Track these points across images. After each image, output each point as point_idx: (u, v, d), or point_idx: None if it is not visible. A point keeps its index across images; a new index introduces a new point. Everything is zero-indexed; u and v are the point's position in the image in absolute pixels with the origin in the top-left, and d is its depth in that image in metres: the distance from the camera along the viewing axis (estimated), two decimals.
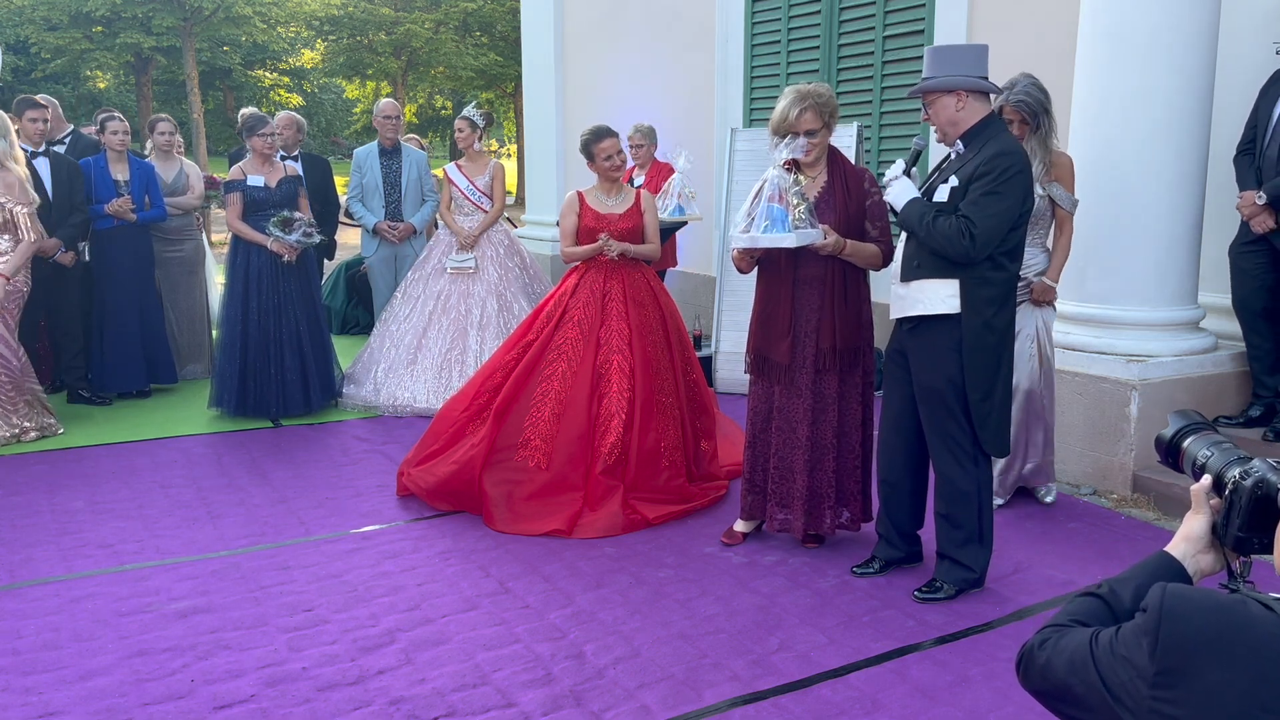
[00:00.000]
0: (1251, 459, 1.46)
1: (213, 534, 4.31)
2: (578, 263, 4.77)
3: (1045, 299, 4.44)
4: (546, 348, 4.62)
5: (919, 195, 3.52)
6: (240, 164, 6.31)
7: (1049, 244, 4.46)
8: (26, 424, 5.63)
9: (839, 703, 2.95)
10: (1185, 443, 1.59)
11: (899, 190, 3.54)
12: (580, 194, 4.76)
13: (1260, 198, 4.62)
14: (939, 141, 3.59)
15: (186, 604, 3.60)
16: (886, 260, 3.87)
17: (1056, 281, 4.47)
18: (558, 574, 3.88)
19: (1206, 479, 1.51)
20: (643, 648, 3.28)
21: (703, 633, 3.39)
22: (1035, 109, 4.27)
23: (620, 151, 4.71)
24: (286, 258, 6.05)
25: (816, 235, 3.71)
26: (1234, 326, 4.97)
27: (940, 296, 3.45)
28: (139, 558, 4.05)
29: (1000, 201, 3.32)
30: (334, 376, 6.44)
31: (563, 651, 3.25)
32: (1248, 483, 1.42)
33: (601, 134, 4.66)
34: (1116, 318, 4.74)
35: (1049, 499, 4.63)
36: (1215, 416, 4.87)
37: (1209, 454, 1.53)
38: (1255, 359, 4.84)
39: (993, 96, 3.70)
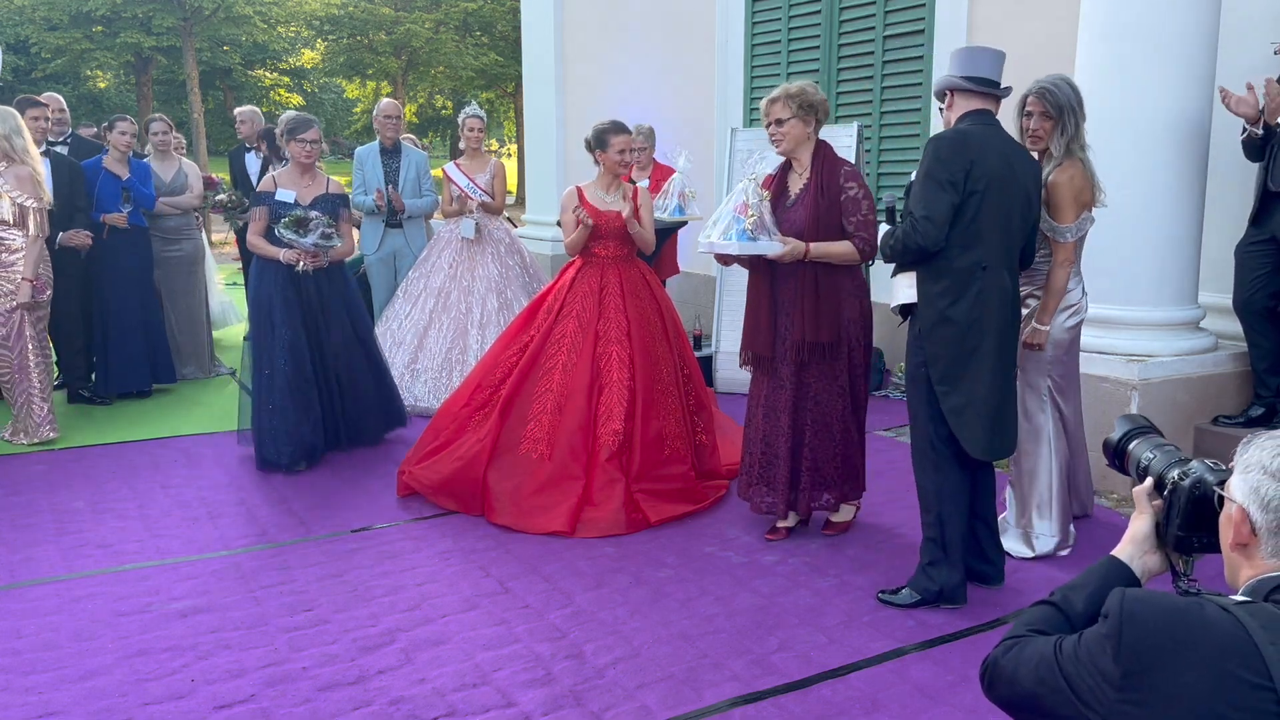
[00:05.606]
0: (1191, 460, 1.49)
1: (213, 534, 4.31)
2: (578, 252, 4.80)
3: (1032, 343, 3.83)
4: (546, 342, 4.66)
5: (888, 228, 3.59)
6: (274, 173, 5.48)
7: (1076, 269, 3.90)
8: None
9: (839, 703, 2.95)
10: (1130, 445, 1.63)
11: (880, 235, 3.65)
12: (580, 189, 4.78)
13: None
14: None
15: (186, 604, 3.60)
16: (866, 256, 3.95)
17: (1044, 324, 3.82)
18: (558, 574, 3.88)
19: (1148, 481, 1.54)
20: (643, 648, 3.28)
21: (703, 633, 3.39)
22: (1060, 103, 3.78)
23: (632, 150, 4.78)
24: (303, 265, 5.13)
25: (765, 247, 3.85)
26: (1234, 326, 4.97)
27: (901, 287, 3.61)
28: (139, 558, 4.05)
29: (926, 184, 3.35)
30: (397, 397, 5.72)
31: (563, 651, 3.25)
32: (1186, 483, 1.45)
33: (621, 128, 4.77)
34: (1117, 317, 4.74)
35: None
36: (1215, 416, 4.87)
37: (1151, 456, 1.57)
38: (1257, 359, 4.83)
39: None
